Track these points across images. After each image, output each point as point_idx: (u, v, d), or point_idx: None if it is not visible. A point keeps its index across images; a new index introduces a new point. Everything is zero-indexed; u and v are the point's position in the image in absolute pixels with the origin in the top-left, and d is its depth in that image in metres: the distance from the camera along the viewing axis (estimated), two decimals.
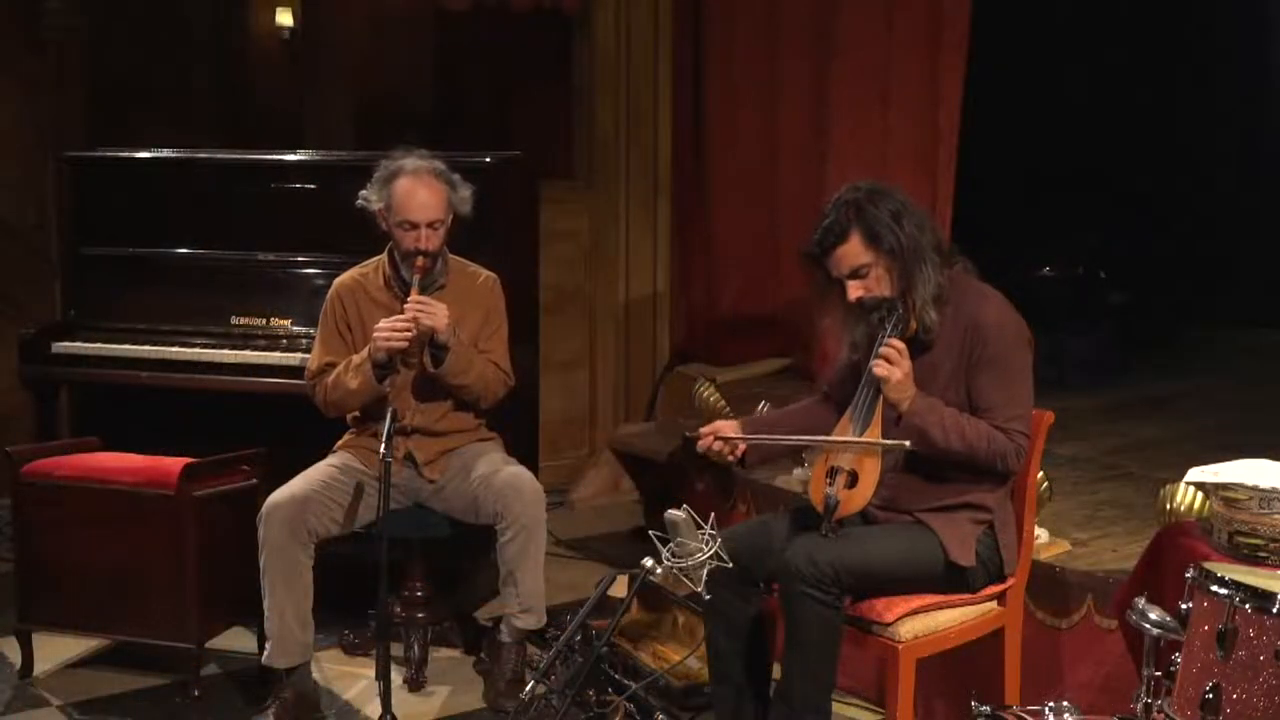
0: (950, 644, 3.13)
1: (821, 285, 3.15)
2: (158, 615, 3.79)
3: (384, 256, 3.87)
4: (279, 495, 3.64)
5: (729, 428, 3.25)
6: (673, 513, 2.81)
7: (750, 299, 5.83)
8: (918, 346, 3.05)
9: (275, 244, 4.52)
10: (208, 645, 3.86)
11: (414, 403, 3.82)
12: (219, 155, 4.90)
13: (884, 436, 3.03)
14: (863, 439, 3.02)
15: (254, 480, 3.93)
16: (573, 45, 6.01)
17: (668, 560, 2.80)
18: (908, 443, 2.96)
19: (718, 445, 3.21)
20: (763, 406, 4.03)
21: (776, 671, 3.14)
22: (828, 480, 3.02)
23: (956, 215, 4.76)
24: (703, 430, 3.25)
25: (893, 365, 2.96)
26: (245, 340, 4.46)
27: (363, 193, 3.79)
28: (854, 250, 3.03)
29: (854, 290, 3.06)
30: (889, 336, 3.02)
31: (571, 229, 5.96)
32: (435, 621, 4.06)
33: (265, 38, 6.54)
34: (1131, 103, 7.18)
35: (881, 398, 3.03)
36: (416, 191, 3.71)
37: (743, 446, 3.22)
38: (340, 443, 3.90)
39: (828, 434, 3.15)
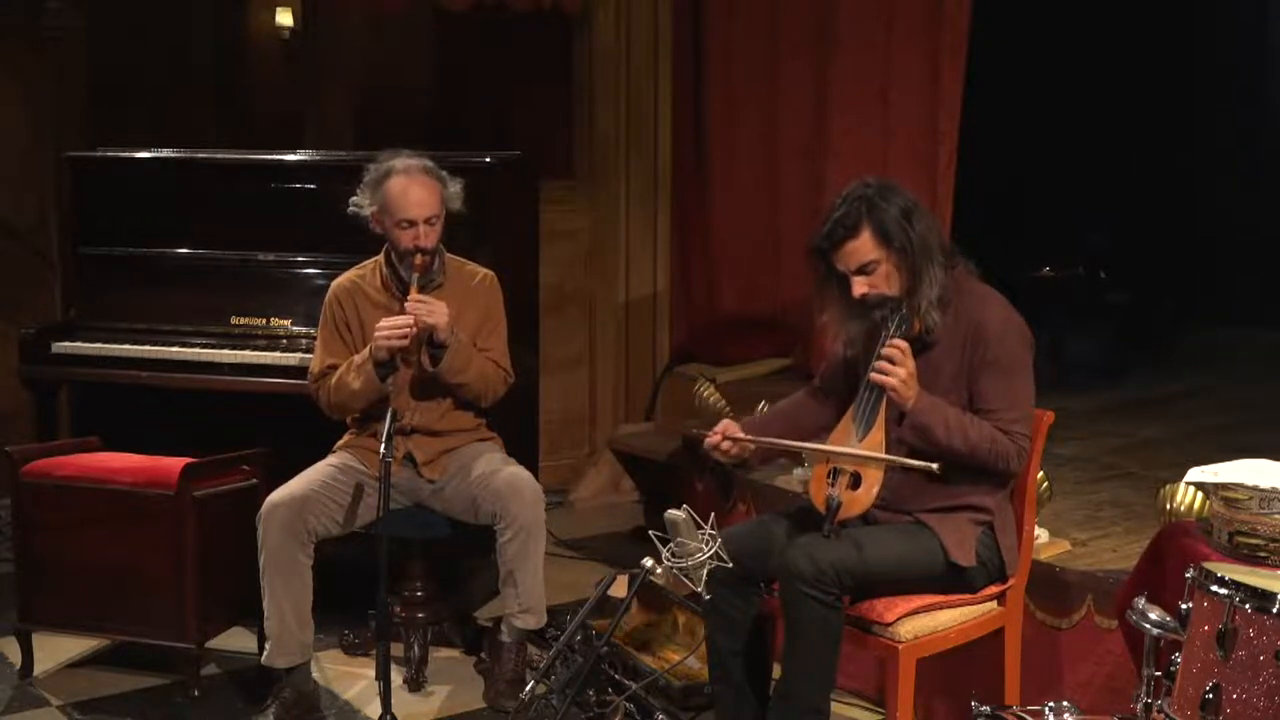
0: (950, 644, 3.13)
1: (822, 279, 3.15)
2: (158, 615, 3.79)
3: (380, 257, 3.87)
4: (279, 495, 3.64)
5: (737, 429, 3.25)
6: (673, 513, 2.81)
7: (750, 299, 5.82)
8: (919, 347, 3.04)
9: (275, 244, 4.52)
10: (208, 645, 3.87)
11: (413, 402, 3.81)
12: (219, 155, 4.90)
13: (888, 435, 3.02)
14: (881, 455, 3.00)
15: (254, 480, 3.93)
16: (573, 45, 6.01)
17: (668, 560, 2.80)
18: (935, 466, 2.94)
19: (726, 445, 3.22)
20: (762, 406, 4.03)
21: (776, 671, 3.15)
22: (829, 481, 3.03)
23: (956, 214, 4.76)
24: (715, 430, 3.25)
25: (895, 366, 2.96)
26: (245, 340, 4.46)
27: (353, 200, 3.78)
28: (864, 246, 3.03)
29: (859, 286, 3.06)
30: (892, 336, 3.02)
31: (571, 229, 5.96)
32: (435, 621, 4.06)
33: (265, 38, 6.54)
34: (1132, 102, 7.18)
35: (885, 399, 3.03)
36: (411, 189, 3.71)
37: (751, 447, 3.23)
38: (340, 443, 3.90)
39: (823, 428, 3.19)
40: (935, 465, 2.94)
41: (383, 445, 3.43)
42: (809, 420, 3.37)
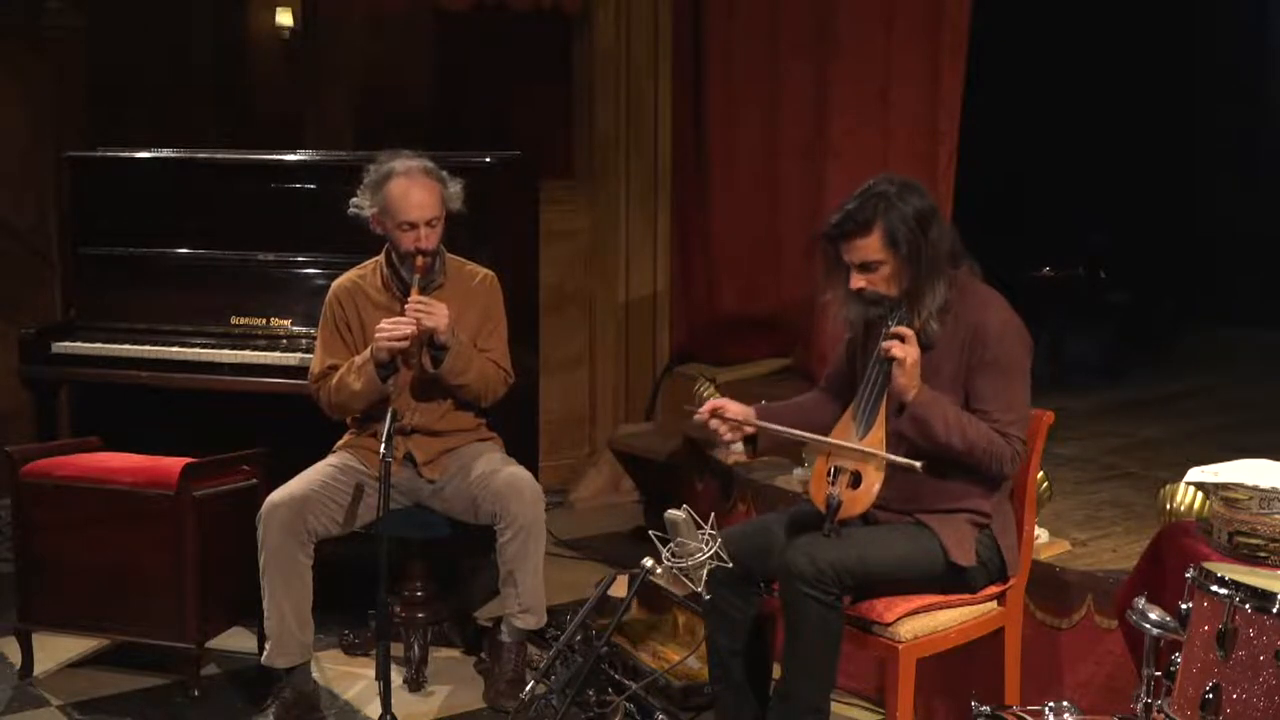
0: (950, 644, 3.13)
1: (830, 264, 3.14)
2: (158, 615, 3.79)
3: (381, 258, 3.87)
4: (279, 495, 3.64)
5: (736, 408, 3.21)
6: (673, 513, 2.81)
7: (750, 299, 5.82)
8: (919, 346, 3.04)
9: (275, 244, 4.52)
10: (208, 645, 3.87)
11: (414, 402, 3.81)
12: (219, 155, 4.90)
13: (887, 430, 3.02)
14: (878, 452, 3.00)
15: (254, 480, 3.93)
16: (573, 45, 6.01)
17: (668, 560, 2.80)
18: (919, 465, 2.93)
19: (715, 423, 3.18)
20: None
21: (776, 671, 3.14)
22: (829, 480, 3.02)
23: (956, 214, 4.76)
24: (707, 405, 3.21)
25: (904, 344, 2.96)
26: (245, 340, 4.46)
27: (353, 201, 3.78)
28: (871, 245, 3.02)
29: (857, 281, 3.06)
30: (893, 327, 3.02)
31: (571, 229, 5.96)
32: (435, 621, 4.06)
33: (265, 38, 6.53)
34: (1132, 102, 7.18)
35: (886, 397, 3.02)
36: (411, 191, 3.71)
37: (749, 430, 3.20)
38: (340, 443, 3.90)
39: (828, 430, 3.15)
40: (919, 464, 2.94)
41: (383, 445, 3.43)
42: (824, 418, 3.34)
